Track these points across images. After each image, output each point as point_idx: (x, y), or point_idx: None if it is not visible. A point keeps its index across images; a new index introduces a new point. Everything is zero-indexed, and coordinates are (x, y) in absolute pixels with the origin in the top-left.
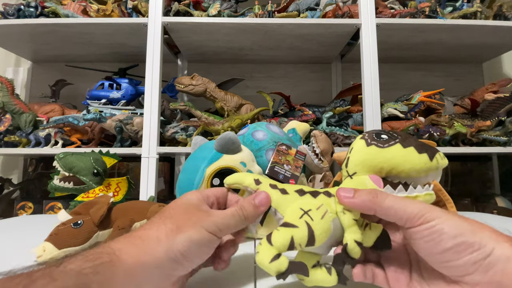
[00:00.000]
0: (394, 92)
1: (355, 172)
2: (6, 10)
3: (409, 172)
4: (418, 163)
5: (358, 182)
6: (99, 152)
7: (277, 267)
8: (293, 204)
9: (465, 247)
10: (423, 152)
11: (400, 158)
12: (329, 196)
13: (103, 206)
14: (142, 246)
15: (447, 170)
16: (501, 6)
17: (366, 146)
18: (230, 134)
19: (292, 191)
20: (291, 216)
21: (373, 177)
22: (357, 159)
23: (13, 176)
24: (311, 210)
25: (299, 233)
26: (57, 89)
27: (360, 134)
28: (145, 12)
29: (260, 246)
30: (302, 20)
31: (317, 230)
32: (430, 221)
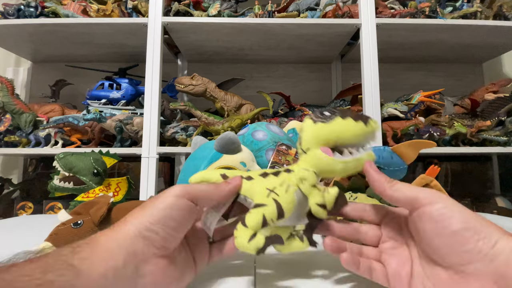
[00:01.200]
0: (394, 92)
1: (308, 148)
2: (6, 10)
3: (351, 139)
4: (356, 129)
5: (312, 155)
6: (99, 152)
7: (255, 244)
8: (259, 185)
9: (472, 233)
10: (358, 120)
11: (342, 128)
12: (288, 172)
13: (103, 206)
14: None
15: (447, 170)
16: (501, 6)
17: (313, 123)
18: (230, 134)
19: (257, 176)
20: (259, 197)
21: (323, 148)
22: (307, 136)
23: (13, 176)
24: (275, 188)
25: (269, 210)
26: (57, 89)
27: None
28: (145, 12)
29: (236, 230)
30: (302, 20)
31: (284, 203)
32: (440, 203)
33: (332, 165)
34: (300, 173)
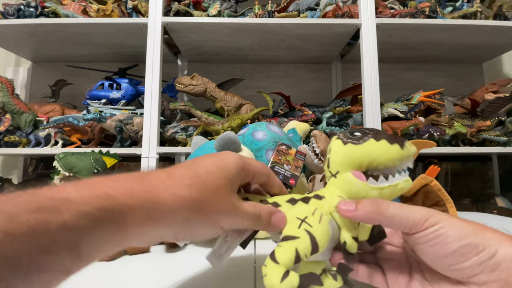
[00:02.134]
0: (394, 92)
1: (338, 171)
2: (6, 10)
3: (385, 163)
4: (392, 153)
5: (343, 180)
6: (99, 152)
7: (289, 285)
8: (287, 214)
9: (470, 248)
10: (394, 143)
11: (376, 151)
12: (319, 199)
13: None
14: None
15: (447, 170)
16: (501, 6)
17: (343, 145)
18: (230, 134)
19: (284, 202)
20: (289, 227)
21: (355, 173)
22: (337, 159)
23: (13, 176)
24: (307, 217)
25: (302, 244)
26: (57, 89)
27: (335, 135)
28: (145, 12)
29: (265, 267)
30: (302, 20)
31: (318, 236)
32: (434, 225)
33: (366, 192)
34: (334, 200)
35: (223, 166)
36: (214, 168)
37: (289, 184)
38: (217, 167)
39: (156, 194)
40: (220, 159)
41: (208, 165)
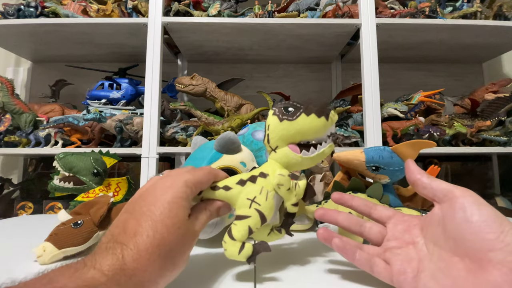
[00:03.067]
0: (394, 92)
1: (277, 146)
2: (6, 10)
3: (314, 135)
4: (320, 125)
5: (282, 154)
6: (99, 152)
7: (245, 255)
8: (239, 195)
9: (497, 225)
10: (321, 116)
11: (307, 126)
12: (264, 177)
13: (103, 206)
14: None
15: (447, 170)
16: (501, 6)
17: (280, 122)
18: (230, 134)
19: (234, 184)
20: (242, 208)
21: (291, 146)
22: (275, 136)
23: (13, 176)
24: (256, 197)
25: (253, 221)
26: (57, 89)
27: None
28: (145, 12)
29: (225, 243)
30: (302, 20)
31: (266, 211)
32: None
33: (300, 162)
34: (276, 179)
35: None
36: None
37: None
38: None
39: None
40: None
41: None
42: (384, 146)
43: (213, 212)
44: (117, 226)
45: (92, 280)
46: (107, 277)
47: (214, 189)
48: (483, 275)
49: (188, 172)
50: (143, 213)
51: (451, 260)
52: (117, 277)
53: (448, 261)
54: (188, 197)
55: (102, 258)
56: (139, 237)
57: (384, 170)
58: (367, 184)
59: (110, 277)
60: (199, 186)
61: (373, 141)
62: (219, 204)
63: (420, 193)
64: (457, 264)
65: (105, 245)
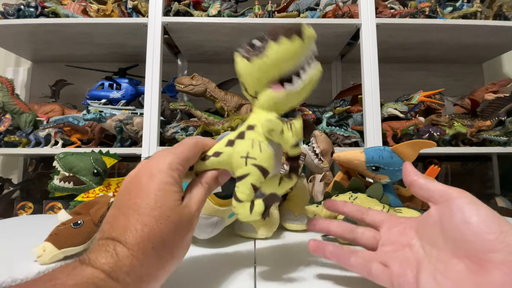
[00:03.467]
0: (394, 92)
1: (257, 91)
2: (6, 10)
3: (293, 61)
4: (295, 48)
5: (265, 97)
6: (99, 152)
7: (258, 211)
8: (232, 157)
9: (497, 225)
10: (292, 35)
11: (281, 56)
12: (252, 129)
13: (103, 206)
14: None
15: (447, 170)
16: (501, 6)
17: (249, 63)
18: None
19: (224, 148)
20: (239, 169)
21: (273, 86)
22: (250, 80)
23: (13, 176)
24: (249, 152)
25: (254, 177)
26: (57, 89)
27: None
28: (145, 12)
29: (234, 208)
30: (302, 20)
31: (264, 163)
32: (469, 197)
33: (289, 98)
34: (264, 127)
35: (161, 197)
36: (156, 210)
37: None
38: (157, 206)
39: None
40: (154, 193)
41: (151, 211)
42: (384, 146)
43: (210, 183)
44: (107, 222)
45: (92, 276)
46: (105, 274)
47: (205, 159)
48: (483, 276)
49: (171, 152)
50: (129, 207)
51: (450, 261)
52: (115, 274)
53: (447, 262)
54: (176, 181)
55: (96, 255)
56: (128, 233)
57: (384, 170)
58: (367, 184)
59: (108, 273)
60: (186, 164)
61: (373, 141)
62: (214, 173)
63: (416, 194)
64: (457, 265)
65: (98, 241)
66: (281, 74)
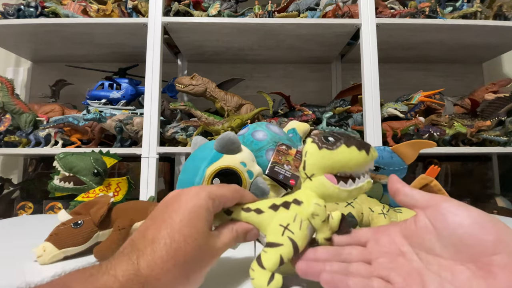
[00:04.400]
0: (394, 92)
1: (313, 174)
2: (6, 10)
3: (353, 167)
4: (360, 159)
5: (318, 183)
6: (99, 152)
7: (275, 286)
8: (271, 221)
9: (492, 225)
10: (362, 149)
11: (347, 157)
12: (298, 204)
13: (103, 206)
14: None
15: (447, 170)
16: (501, 6)
17: (319, 149)
18: (230, 134)
19: (266, 208)
20: (274, 235)
21: (328, 176)
22: (313, 163)
23: (13, 176)
24: (289, 225)
25: (285, 250)
26: (57, 89)
27: (310, 138)
28: (145, 12)
29: (253, 272)
30: (302, 20)
31: (299, 241)
32: (455, 201)
33: (338, 194)
34: (312, 208)
35: (194, 218)
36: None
37: (289, 184)
38: (189, 225)
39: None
40: (188, 212)
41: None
42: (384, 146)
43: (240, 233)
44: (139, 232)
45: (105, 286)
46: (120, 283)
47: (246, 210)
48: (492, 280)
49: (214, 186)
50: (164, 220)
51: (455, 269)
52: (130, 284)
53: (452, 270)
54: (210, 209)
55: (118, 263)
56: (156, 244)
57: (384, 170)
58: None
59: (123, 283)
60: (223, 200)
61: (373, 141)
62: (248, 227)
63: (401, 201)
64: (463, 272)
65: (124, 250)
66: (339, 171)
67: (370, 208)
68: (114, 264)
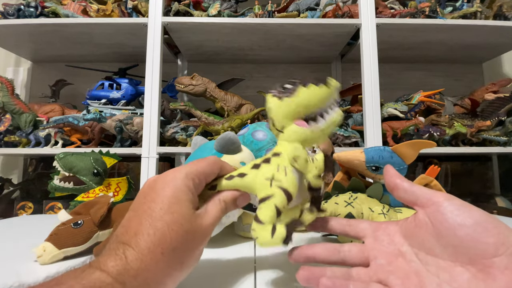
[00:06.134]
0: (394, 92)
1: (283, 126)
2: (6, 10)
3: (318, 104)
4: (320, 93)
5: (290, 132)
6: (99, 152)
7: (279, 236)
8: (256, 179)
9: (493, 226)
10: (319, 83)
11: (308, 98)
12: (278, 155)
13: (103, 206)
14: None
15: (447, 170)
16: (501, 6)
17: (280, 101)
18: (230, 134)
19: (249, 170)
20: (263, 190)
21: (298, 122)
22: (278, 115)
23: (13, 176)
24: (274, 175)
25: (278, 199)
26: (57, 89)
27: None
28: (145, 12)
29: (254, 231)
30: (302, 20)
31: (289, 186)
32: (457, 199)
33: (311, 136)
34: (291, 152)
35: (174, 203)
36: (168, 215)
37: None
38: (170, 211)
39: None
40: (168, 198)
41: (163, 216)
42: (384, 146)
43: (228, 202)
44: (122, 226)
45: (98, 280)
46: (112, 278)
47: (229, 179)
48: (492, 282)
49: (190, 164)
50: (144, 211)
51: (454, 270)
52: (122, 278)
53: (451, 272)
54: (191, 189)
55: (106, 259)
56: (140, 236)
57: None
58: (367, 184)
59: (114, 277)
60: (203, 177)
61: (373, 141)
62: (234, 193)
63: (400, 197)
64: (463, 274)
65: (109, 245)
66: (306, 113)
67: (370, 208)
68: (104, 261)
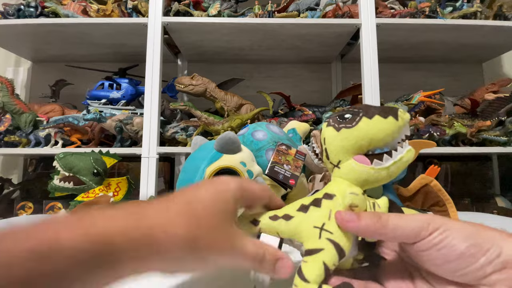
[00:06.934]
0: (394, 92)
1: (340, 160)
2: (6, 10)
3: (385, 139)
4: (388, 127)
5: (347, 169)
6: (99, 152)
7: None
8: (303, 225)
9: (477, 248)
10: (388, 116)
11: (372, 130)
12: (331, 198)
13: (103, 206)
14: None
15: (447, 170)
16: (501, 6)
17: (337, 131)
18: (230, 134)
19: (295, 212)
20: (310, 240)
21: (358, 157)
22: (335, 148)
23: (13, 176)
24: (325, 224)
25: (328, 255)
26: (57, 89)
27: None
28: (145, 12)
29: (295, 287)
30: (302, 20)
31: (342, 241)
32: (437, 229)
33: (374, 175)
34: (347, 199)
35: (221, 199)
36: (211, 202)
37: (289, 184)
38: (214, 201)
39: (153, 236)
40: (217, 191)
41: (205, 200)
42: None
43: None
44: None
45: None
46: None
47: (273, 219)
48: None
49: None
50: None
51: (444, 283)
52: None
53: (440, 282)
54: (235, 196)
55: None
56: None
57: None
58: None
59: (175, 209)
60: (252, 195)
61: None
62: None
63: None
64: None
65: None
66: (369, 148)
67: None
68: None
